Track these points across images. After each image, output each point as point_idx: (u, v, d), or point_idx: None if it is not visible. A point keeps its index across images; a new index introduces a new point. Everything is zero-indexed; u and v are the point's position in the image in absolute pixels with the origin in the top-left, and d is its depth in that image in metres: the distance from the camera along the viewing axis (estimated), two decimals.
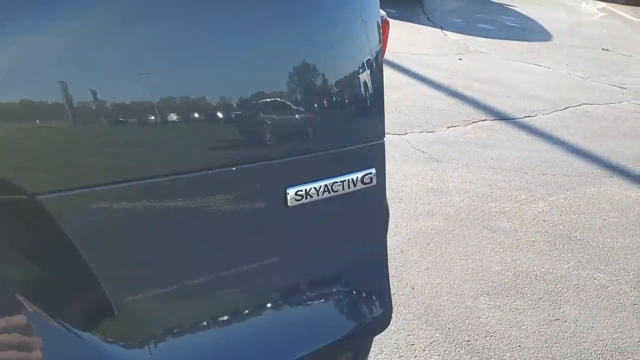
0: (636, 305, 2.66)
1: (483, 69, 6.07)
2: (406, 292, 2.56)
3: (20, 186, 0.75)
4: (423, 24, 7.55)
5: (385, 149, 1.07)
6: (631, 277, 2.86)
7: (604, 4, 10.86)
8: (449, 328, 2.39)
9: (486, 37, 7.39)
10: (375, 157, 1.06)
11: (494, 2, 9.76)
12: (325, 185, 0.97)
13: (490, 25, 8.12)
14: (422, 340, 2.31)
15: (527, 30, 8.13)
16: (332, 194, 0.99)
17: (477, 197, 3.44)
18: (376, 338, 2.27)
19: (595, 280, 2.81)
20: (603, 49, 7.51)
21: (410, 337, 2.32)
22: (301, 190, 0.95)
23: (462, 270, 2.76)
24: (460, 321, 2.43)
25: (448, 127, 4.36)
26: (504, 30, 7.98)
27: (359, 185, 1.02)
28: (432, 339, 2.32)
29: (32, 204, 0.75)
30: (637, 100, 5.59)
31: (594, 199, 3.59)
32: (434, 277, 2.69)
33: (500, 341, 2.35)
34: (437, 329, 2.37)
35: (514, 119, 4.76)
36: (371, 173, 1.04)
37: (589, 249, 3.06)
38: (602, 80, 6.15)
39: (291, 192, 0.94)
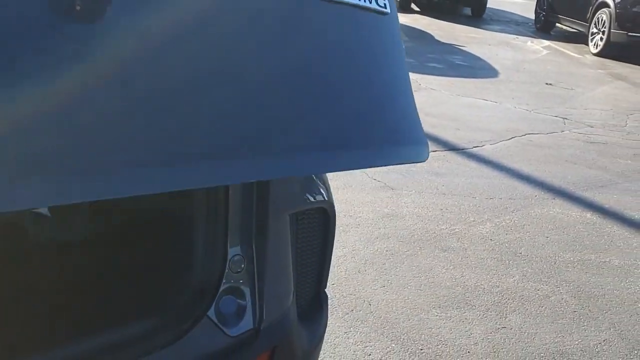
0: (576, 313, 2.88)
1: (434, 104, 6.39)
2: (364, 308, 2.72)
3: None
4: None
5: None
6: (571, 287, 3.09)
7: (548, 42, 11.46)
8: (403, 339, 2.55)
9: (437, 75, 7.76)
10: None
11: (445, 43, 10.22)
12: None
13: (441, 64, 8.52)
14: (378, 351, 2.46)
15: (475, 68, 8.56)
16: (352, 1, 1.03)
17: (429, 220, 3.66)
18: (335, 350, 2.43)
19: (538, 292, 3.02)
20: (547, 84, 7.95)
21: (367, 347, 2.47)
22: None
23: (416, 286, 2.95)
24: (414, 332, 2.60)
25: None
26: (454, 68, 8.38)
27: (374, 6, 1.07)
28: (388, 349, 2.48)
29: None
30: (578, 130, 5.96)
31: (538, 219, 3.84)
32: (389, 293, 2.86)
33: (451, 349, 2.52)
34: (392, 340, 2.54)
35: (463, 149, 5.04)
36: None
37: (532, 264, 3.28)
38: (546, 112, 6.53)
39: None
